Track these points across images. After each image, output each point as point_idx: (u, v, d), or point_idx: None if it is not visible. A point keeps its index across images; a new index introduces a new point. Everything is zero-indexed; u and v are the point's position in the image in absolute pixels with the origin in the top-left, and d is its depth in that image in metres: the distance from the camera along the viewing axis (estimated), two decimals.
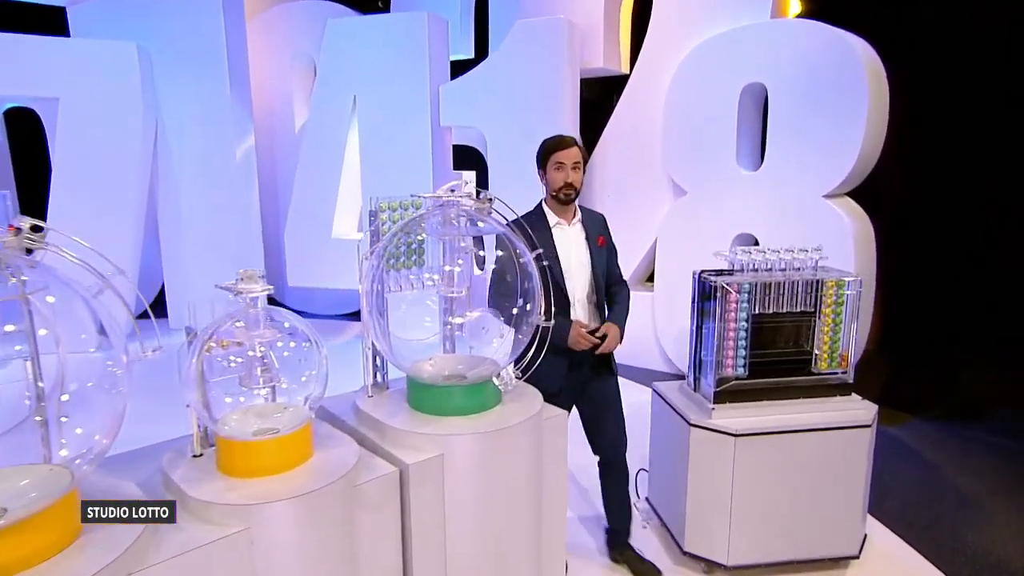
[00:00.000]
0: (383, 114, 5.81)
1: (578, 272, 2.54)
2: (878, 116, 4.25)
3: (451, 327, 2.30)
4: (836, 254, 4.16)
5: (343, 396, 2.23)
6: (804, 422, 2.57)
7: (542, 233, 2.47)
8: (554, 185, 2.49)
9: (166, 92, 6.15)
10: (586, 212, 2.63)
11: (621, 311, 2.60)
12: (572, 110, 5.27)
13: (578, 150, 2.50)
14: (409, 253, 2.22)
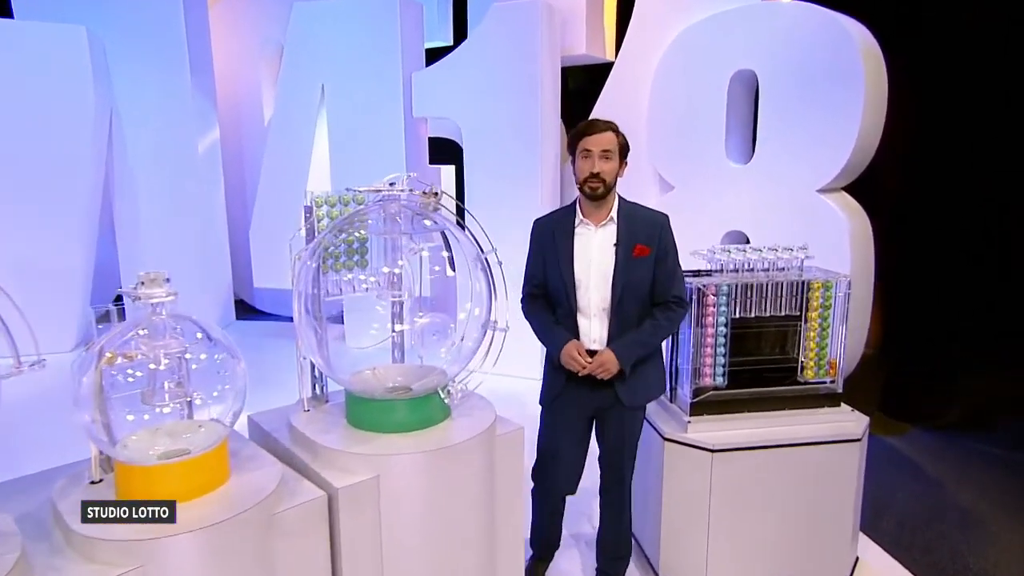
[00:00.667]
0: (353, 104, 5.68)
1: (597, 282, 2.28)
2: (876, 105, 4.17)
3: (399, 335, 2.21)
4: (831, 252, 4.12)
5: (279, 411, 2.12)
6: (788, 436, 2.48)
7: (560, 233, 2.32)
8: (579, 176, 2.27)
9: (121, 80, 6.02)
10: (633, 212, 2.34)
11: (637, 336, 2.27)
12: (553, 100, 5.17)
13: (612, 135, 2.27)
14: (350, 253, 2.11)
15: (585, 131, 2.27)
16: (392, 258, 1.99)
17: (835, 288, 2.57)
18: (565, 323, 2.33)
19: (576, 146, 2.29)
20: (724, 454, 2.42)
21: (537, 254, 2.38)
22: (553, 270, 2.32)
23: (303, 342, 1.89)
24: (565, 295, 2.31)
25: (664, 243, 2.34)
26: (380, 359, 2.23)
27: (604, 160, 2.25)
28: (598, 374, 2.26)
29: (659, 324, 2.32)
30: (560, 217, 2.37)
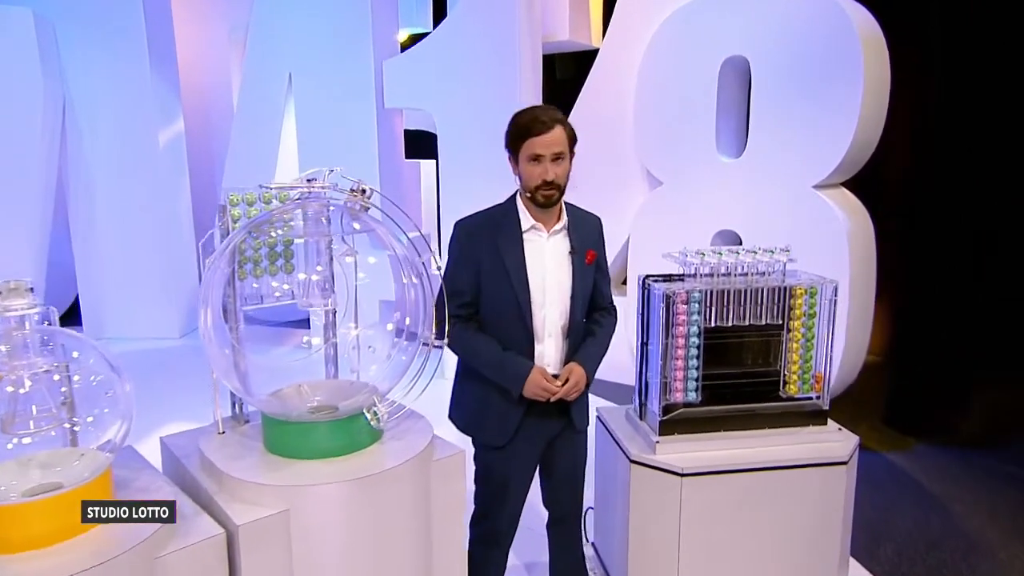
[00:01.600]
0: (322, 94, 5.58)
1: (554, 298, 2.11)
2: (876, 95, 4.04)
3: (330, 347, 2.09)
4: (829, 252, 4.01)
5: (193, 433, 1.99)
6: (766, 458, 2.35)
7: (508, 240, 2.07)
8: (528, 184, 2.03)
9: (74, 68, 5.90)
10: (576, 215, 2.20)
11: (595, 346, 2.20)
12: (534, 90, 5.04)
13: (562, 132, 2.02)
14: (272, 257, 1.99)
15: (530, 130, 2.00)
16: (313, 263, 1.86)
17: (820, 294, 2.44)
18: (513, 350, 2.12)
19: (520, 147, 2.03)
20: (694, 478, 2.29)
21: (467, 266, 2.10)
22: (499, 286, 2.08)
23: (210, 356, 1.76)
24: (518, 316, 2.09)
25: (601, 246, 2.25)
26: (312, 374, 2.11)
27: (558, 163, 2.03)
28: (570, 396, 2.12)
29: (607, 331, 2.22)
30: (500, 221, 2.11)
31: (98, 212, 6.18)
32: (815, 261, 3.92)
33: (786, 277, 2.49)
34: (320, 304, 1.87)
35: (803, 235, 4.07)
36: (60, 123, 5.89)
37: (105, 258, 6.24)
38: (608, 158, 5.06)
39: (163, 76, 6.21)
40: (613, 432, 2.57)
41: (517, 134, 2.05)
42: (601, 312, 2.30)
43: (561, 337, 2.18)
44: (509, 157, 2.12)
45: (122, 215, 6.19)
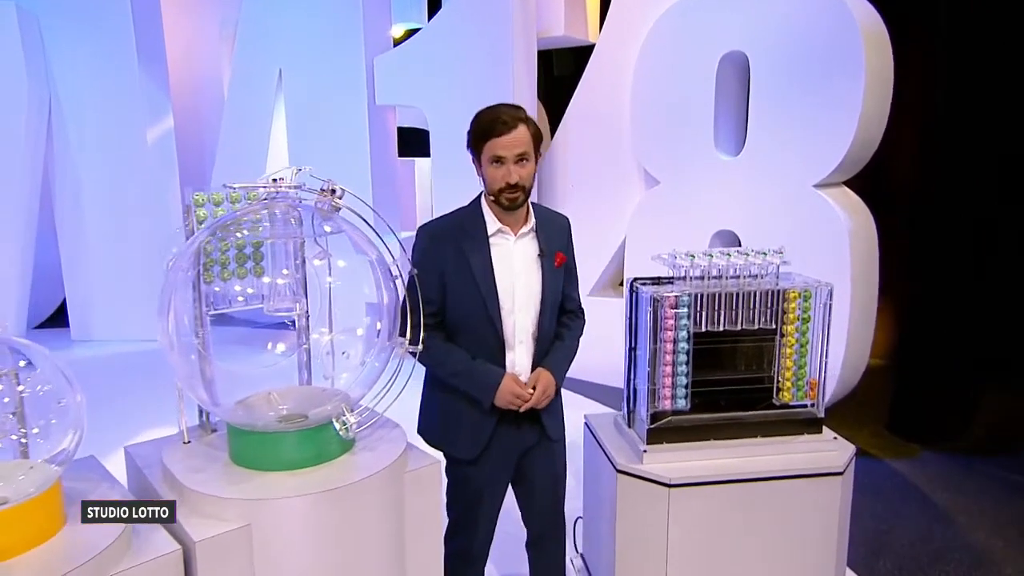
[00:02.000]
0: (312, 91, 5.55)
1: (523, 303, 2.07)
2: (879, 91, 3.99)
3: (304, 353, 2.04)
4: (830, 253, 3.96)
5: (158, 442, 1.95)
6: (757, 468, 2.29)
7: (474, 244, 2.03)
8: (492, 186, 1.98)
9: (60, 65, 5.87)
10: (544, 215, 2.15)
11: (564, 351, 2.18)
12: (529, 87, 5.00)
13: (526, 132, 1.96)
14: (241, 259, 1.94)
15: (490, 131, 1.93)
16: (281, 266, 1.82)
17: (815, 298, 2.39)
18: (482, 358, 2.07)
19: (482, 148, 1.97)
20: (683, 489, 2.24)
21: (432, 273, 2.03)
22: (465, 293, 2.03)
23: (172, 364, 1.71)
24: (487, 323, 2.04)
25: (570, 247, 2.20)
26: (284, 381, 2.07)
27: (522, 165, 1.97)
28: (540, 404, 2.07)
29: (575, 335, 2.19)
30: (464, 224, 2.06)
31: (85, 212, 6.15)
32: (816, 262, 3.91)
33: (779, 280, 2.43)
34: (288, 309, 1.82)
35: (803, 235, 4.04)
36: (46, 121, 5.86)
37: (92, 259, 6.20)
38: (604, 156, 5.02)
39: (151, 72, 6.17)
40: (600, 440, 2.52)
41: (478, 134, 1.99)
42: (569, 315, 2.26)
43: (532, 343, 2.13)
44: (472, 159, 2.07)
45: (110, 215, 6.15)
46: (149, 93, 6.17)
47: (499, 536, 2.32)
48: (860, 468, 2.90)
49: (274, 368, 2.06)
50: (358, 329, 1.83)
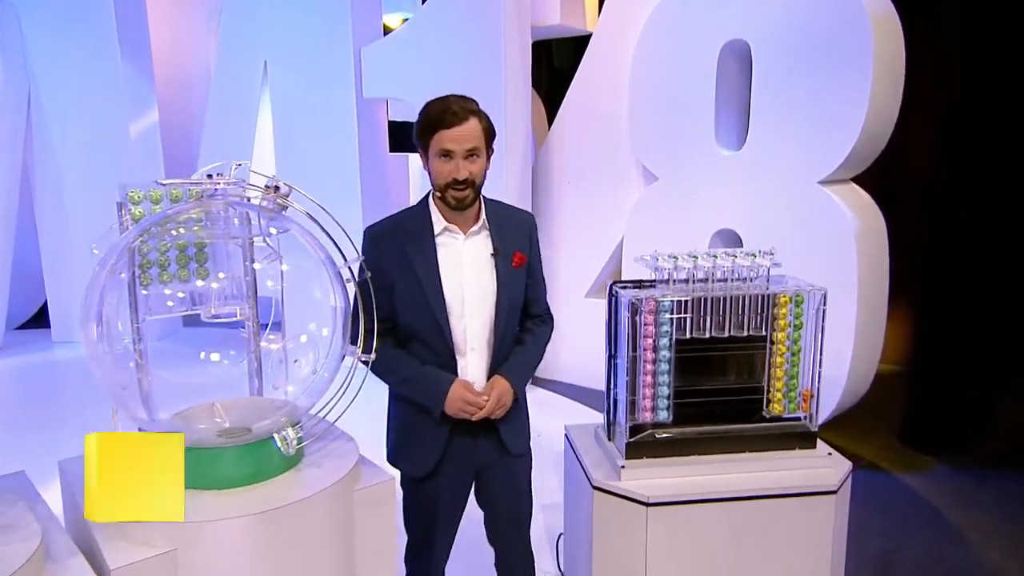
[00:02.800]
0: (299, 83, 5.48)
1: (475, 306, 2.01)
2: (889, 82, 3.88)
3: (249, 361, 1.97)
4: (836, 253, 3.86)
5: None
6: (744, 486, 2.20)
7: (419, 245, 1.97)
8: (438, 182, 1.92)
9: (40, 56, 5.83)
10: (499, 212, 2.08)
11: (523, 358, 2.10)
12: (522, 79, 4.92)
13: (477, 126, 1.90)
14: (183, 261, 1.86)
15: (439, 122, 1.86)
16: (223, 268, 1.74)
17: (807, 303, 2.29)
18: (436, 362, 2.00)
19: (429, 141, 1.90)
20: (661, 508, 2.15)
21: (377, 277, 1.95)
22: (412, 297, 1.96)
23: (99, 374, 1.64)
24: (435, 327, 1.97)
25: (534, 247, 2.12)
26: (235, 391, 1.99)
27: (471, 160, 1.90)
28: (495, 414, 1.99)
29: (539, 341, 2.12)
30: (409, 225, 2.00)
31: (67, 209, 6.11)
32: (821, 263, 3.84)
33: (770, 283, 2.33)
34: (229, 315, 1.74)
35: (808, 235, 3.95)
36: (25, 114, 5.82)
37: (74, 258, 6.17)
38: (602, 152, 4.94)
39: (135, 64, 6.12)
40: (579, 453, 2.43)
41: (426, 126, 1.92)
42: (534, 320, 2.19)
43: (486, 350, 2.06)
44: (420, 152, 1.99)
45: (92, 212, 6.11)
46: (133, 86, 6.13)
47: (474, 550, 2.24)
48: (868, 482, 2.80)
49: (224, 376, 1.99)
50: (302, 336, 1.74)
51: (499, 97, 4.72)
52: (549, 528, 3.19)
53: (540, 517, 3.26)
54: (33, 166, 6.03)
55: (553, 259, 5.23)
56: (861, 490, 3.76)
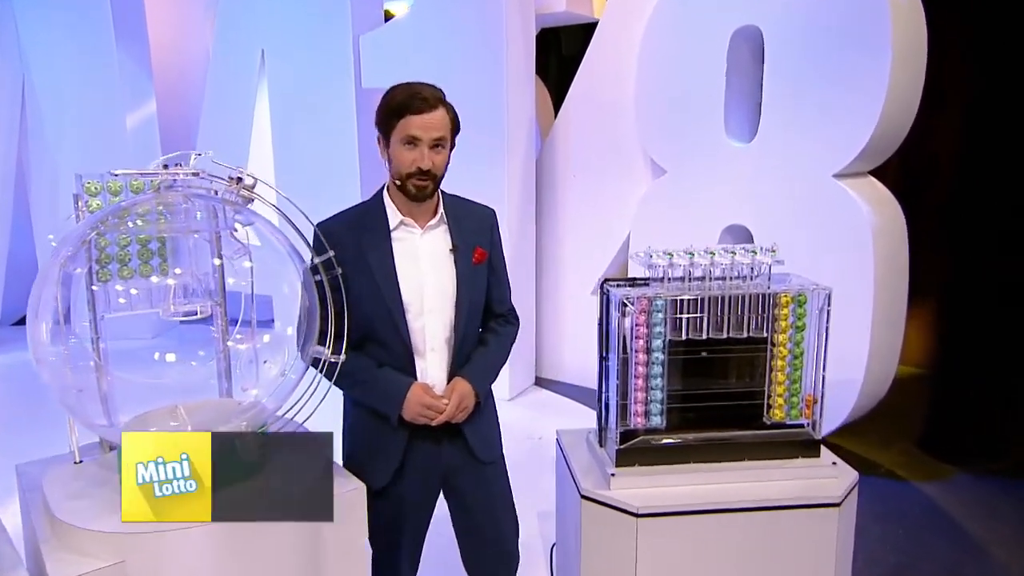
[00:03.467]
0: (297, 73, 5.44)
1: (434, 304, 1.95)
2: (909, 68, 3.77)
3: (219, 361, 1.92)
4: (851, 250, 3.77)
5: (50, 460, 1.84)
6: (741, 496, 2.12)
7: (373, 240, 1.92)
8: (400, 170, 1.86)
9: (34, 44, 5.83)
10: (457, 206, 2.04)
11: (486, 359, 2.04)
12: (525, 67, 4.85)
13: (445, 116, 1.86)
14: (144, 256, 1.82)
15: (408, 107, 1.81)
16: (180, 264, 1.69)
17: (810, 303, 2.20)
18: (394, 364, 1.94)
19: (394, 126, 1.84)
20: (652, 520, 2.08)
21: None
22: (367, 295, 1.90)
23: (49, 377, 1.60)
24: (392, 327, 1.91)
25: (496, 243, 2.06)
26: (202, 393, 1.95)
27: (436, 151, 1.86)
28: (456, 417, 1.92)
29: (503, 341, 2.07)
30: (363, 219, 1.95)
31: (62, 202, 6.10)
32: (836, 259, 3.75)
33: (771, 282, 2.25)
34: (189, 313, 1.69)
35: (822, 230, 3.87)
36: (19, 106, 5.83)
37: None
38: (607, 144, 4.87)
39: (131, 52, 6.09)
40: (568, 460, 2.37)
41: (391, 111, 1.86)
42: (498, 320, 2.13)
43: (447, 351, 2.00)
44: (378, 138, 1.94)
45: None
46: (129, 75, 6.10)
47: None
48: (884, 492, 2.70)
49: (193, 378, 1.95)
50: (265, 336, 1.69)
51: (500, 89, 4.66)
52: (544, 536, 3.13)
53: (536, 525, 3.21)
54: (28, 160, 6.04)
55: (557, 255, 5.17)
56: (877, 500, 3.68)
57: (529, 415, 4.66)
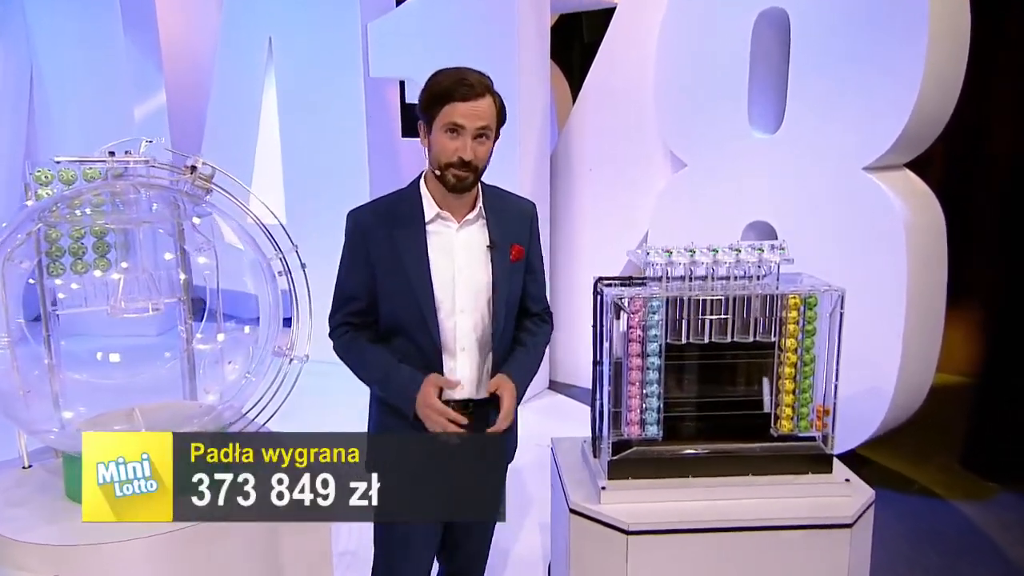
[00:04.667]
0: (305, 61, 5.44)
1: (467, 302, 1.90)
2: (948, 52, 3.62)
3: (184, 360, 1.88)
4: (883, 249, 3.63)
5: None
6: (742, 515, 2.04)
7: (407, 232, 1.87)
8: (440, 159, 1.80)
9: (41, 33, 5.90)
10: (497, 199, 1.98)
11: (525, 359, 1.98)
12: (539, 55, 4.77)
13: (491, 105, 1.80)
14: (100, 249, 1.78)
15: (452, 92, 1.75)
16: (131, 256, 1.65)
17: (821, 305, 2.10)
18: (417, 365, 1.88)
19: (436, 112, 1.78)
20: (643, 538, 2.00)
21: (361, 264, 1.89)
22: (398, 289, 1.86)
23: None
24: (421, 323, 1.86)
25: (534, 239, 2.00)
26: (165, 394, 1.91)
27: (480, 142, 1.80)
28: (501, 426, 1.85)
29: (539, 342, 2.00)
30: (398, 208, 1.90)
31: None
32: (866, 259, 3.61)
33: (780, 282, 2.15)
34: (140, 310, 1.65)
35: (852, 228, 3.74)
36: (27, 98, 5.90)
37: None
38: (625, 136, 4.77)
39: (140, 42, 6.14)
40: (560, 470, 2.30)
41: (435, 96, 1.79)
42: (533, 319, 2.06)
43: (477, 351, 1.94)
44: (420, 125, 1.88)
45: None
46: (137, 65, 6.14)
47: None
48: (919, 510, 2.58)
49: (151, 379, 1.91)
50: (219, 335, 1.64)
51: (515, 76, 4.58)
52: (545, 550, 3.06)
53: (538, 539, 3.15)
54: (37, 152, 6.12)
55: (573, 252, 5.09)
56: (909, 519, 3.54)
57: (540, 421, 4.57)
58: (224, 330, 1.81)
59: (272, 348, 1.69)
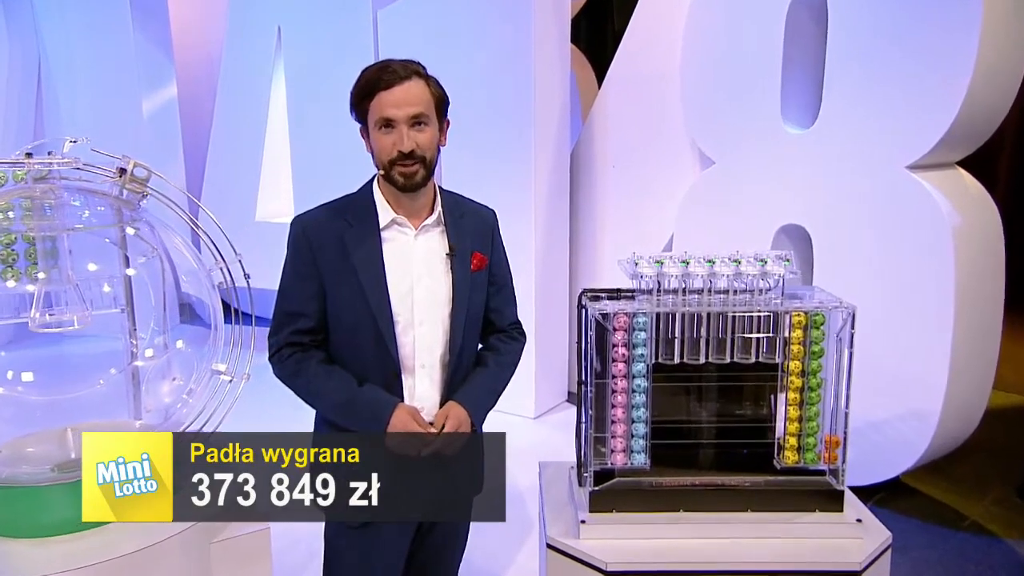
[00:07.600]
0: (314, 51, 5.48)
1: (426, 315, 1.86)
2: (1003, 39, 3.47)
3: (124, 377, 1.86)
4: (928, 257, 3.51)
5: None
6: (737, 556, 1.94)
7: (360, 239, 1.83)
8: (381, 157, 1.79)
9: (49, 25, 6.03)
10: (457, 205, 1.96)
11: (485, 380, 1.94)
12: (557, 44, 4.71)
13: (423, 88, 1.79)
14: (31, 256, 1.76)
15: (375, 84, 1.74)
16: (47, 264, 1.63)
17: (829, 323, 1.98)
18: (377, 381, 1.84)
19: (366, 109, 1.77)
20: None
21: (307, 276, 1.84)
22: (350, 302, 1.82)
23: None
24: (376, 339, 1.81)
25: (497, 248, 1.97)
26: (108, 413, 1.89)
27: (419, 129, 1.77)
28: (446, 449, 1.77)
29: (504, 361, 1.96)
30: (349, 214, 1.85)
31: None
32: (910, 267, 3.49)
33: (784, 297, 2.04)
34: (64, 323, 1.62)
35: (894, 232, 3.63)
36: (34, 92, 6.04)
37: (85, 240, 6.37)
38: (650, 132, 4.71)
39: (149, 33, 6.24)
40: (543, 499, 2.23)
41: (362, 91, 1.79)
42: (500, 335, 2.02)
43: (439, 369, 1.89)
44: (360, 129, 1.86)
45: None
46: (147, 57, 6.25)
47: None
48: (967, 548, 2.43)
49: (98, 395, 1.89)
50: (147, 351, 1.61)
51: (530, 69, 4.53)
52: None
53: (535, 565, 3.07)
54: (45, 146, 6.25)
55: (594, 256, 5.03)
56: (957, 557, 3.39)
57: (554, 437, 4.50)
58: (168, 343, 1.77)
59: (211, 365, 1.64)
